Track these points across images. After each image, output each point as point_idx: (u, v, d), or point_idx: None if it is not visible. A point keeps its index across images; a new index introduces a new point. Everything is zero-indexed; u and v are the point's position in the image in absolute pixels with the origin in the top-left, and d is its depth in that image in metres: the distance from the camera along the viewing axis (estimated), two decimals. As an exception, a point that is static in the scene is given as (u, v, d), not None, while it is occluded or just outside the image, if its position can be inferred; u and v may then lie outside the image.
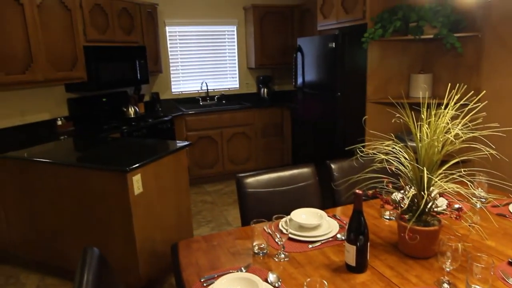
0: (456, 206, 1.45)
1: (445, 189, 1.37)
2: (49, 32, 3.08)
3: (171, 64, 4.89)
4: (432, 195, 1.41)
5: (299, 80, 4.18)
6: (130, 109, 4.08)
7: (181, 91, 5.03)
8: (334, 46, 3.42)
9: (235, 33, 5.15)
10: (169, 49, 4.84)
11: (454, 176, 1.39)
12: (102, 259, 1.19)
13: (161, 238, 2.63)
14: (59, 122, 3.52)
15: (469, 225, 1.59)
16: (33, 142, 3.07)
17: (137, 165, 2.32)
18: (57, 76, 3.16)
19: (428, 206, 1.41)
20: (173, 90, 4.97)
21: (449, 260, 1.26)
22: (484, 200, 1.84)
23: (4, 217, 2.86)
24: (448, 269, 1.28)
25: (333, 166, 2.21)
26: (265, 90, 5.23)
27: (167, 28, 4.77)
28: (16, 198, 2.76)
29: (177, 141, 2.98)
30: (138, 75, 4.04)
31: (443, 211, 1.44)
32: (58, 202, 2.59)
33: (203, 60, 5.08)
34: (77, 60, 3.35)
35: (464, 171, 1.39)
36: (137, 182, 2.35)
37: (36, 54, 2.97)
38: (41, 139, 3.17)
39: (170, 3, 4.71)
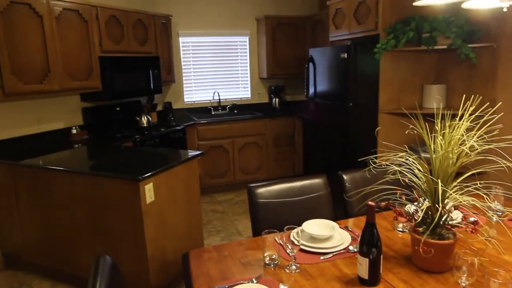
0: (472, 219, 1.42)
1: (460, 201, 1.35)
2: (66, 42, 3.16)
3: (183, 74, 4.95)
4: (447, 207, 1.38)
5: (311, 90, 4.19)
6: (143, 118, 4.13)
7: (193, 101, 5.08)
8: (346, 56, 3.42)
9: (247, 43, 5.20)
10: (182, 59, 4.90)
11: (469, 188, 1.36)
12: (114, 267, 1.20)
13: (172, 247, 2.64)
14: (74, 131, 3.58)
15: (486, 239, 1.55)
16: (48, 150, 3.12)
17: (149, 174, 2.34)
18: (73, 85, 3.23)
19: (443, 219, 1.39)
20: (185, 100, 5.03)
21: (465, 275, 1.23)
22: (500, 213, 1.80)
23: (18, 224, 2.91)
24: (464, 284, 1.25)
25: (345, 177, 2.20)
26: (277, 100, 5.25)
27: (181, 39, 4.84)
28: (31, 205, 2.80)
29: (189, 151, 3.00)
30: (151, 85, 4.10)
31: (458, 224, 1.41)
32: (71, 210, 2.63)
33: (215, 70, 5.13)
34: (93, 70, 3.42)
35: (480, 183, 1.37)
36: (149, 191, 2.36)
37: (53, 64, 3.04)
38: (56, 147, 3.22)
39: (184, 15, 4.78)
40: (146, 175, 2.31)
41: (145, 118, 4.15)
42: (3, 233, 3.03)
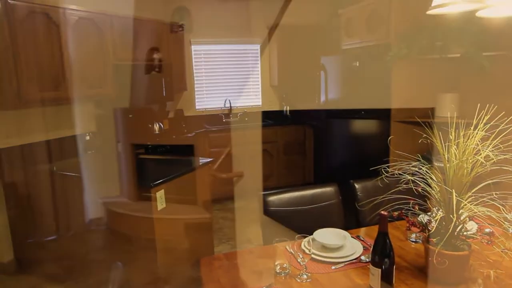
0: (487, 230, 1.39)
1: (475, 212, 1.32)
2: (81, 51, 3.21)
3: (195, 82, 4.99)
4: (462, 218, 1.36)
5: (322, 98, 4.18)
6: (155, 126, 4.17)
7: (205, 108, 5.11)
8: (358, 64, 3.41)
9: (258, 51, 5.23)
10: (194, 67, 4.95)
11: (484, 199, 1.34)
12: (125, 273, 1.20)
13: (183, 254, 2.64)
14: (87, 137, 3.63)
15: (502, 251, 1.51)
16: (62, 156, 3.16)
17: (160, 180, 2.35)
18: (87, 93, 3.28)
19: (457, 230, 1.36)
20: (197, 107, 5.06)
21: (481, 288, 1.20)
22: (517, 224, 1.76)
23: (32, 228, 2.94)
24: (479, 297, 1.22)
25: (357, 185, 2.18)
26: (288, 107, 5.25)
27: (193, 47, 4.89)
28: (44, 209, 2.84)
29: (200, 158, 3.02)
30: (164, 92, 4.14)
31: (473, 236, 1.39)
32: (84, 215, 2.65)
33: (227, 77, 5.17)
34: (106, 78, 3.47)
35: (496, 194, 1.34)
36: (160, 198, 2.38)
37: (69, 72, 3.09)
38: (70, 154, 3.27)
39: (196, 23, 4.84)
40: (157, 182, 2.32)
41: (157, 125, 4.19)
42: (16, 237, 3.07)
